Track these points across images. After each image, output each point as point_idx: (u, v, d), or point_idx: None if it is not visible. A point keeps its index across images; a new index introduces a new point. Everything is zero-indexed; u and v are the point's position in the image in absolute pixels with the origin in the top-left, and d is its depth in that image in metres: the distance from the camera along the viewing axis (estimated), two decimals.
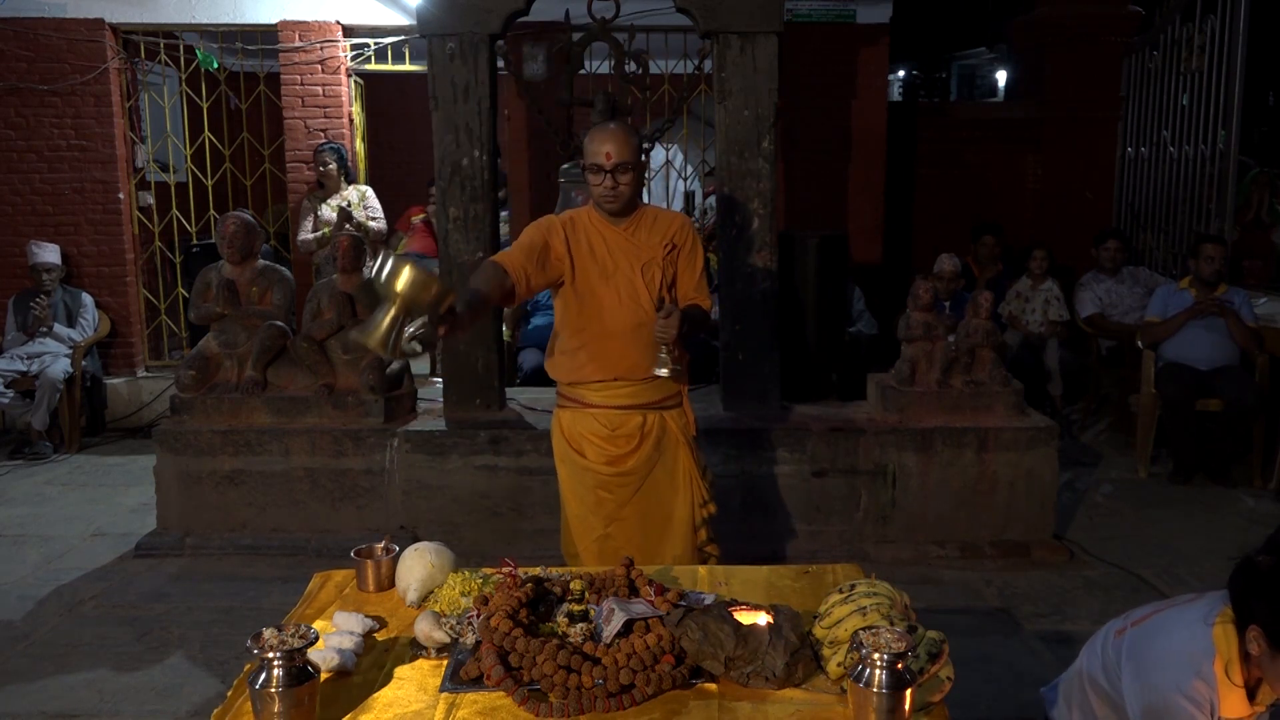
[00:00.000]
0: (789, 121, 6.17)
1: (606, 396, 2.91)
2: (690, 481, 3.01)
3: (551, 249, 2.84)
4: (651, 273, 2.88)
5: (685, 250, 2.94)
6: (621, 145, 2.77)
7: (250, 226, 4.77)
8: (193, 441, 4.50)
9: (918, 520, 4.45)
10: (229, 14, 6.43)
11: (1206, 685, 1.80)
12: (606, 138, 2.77)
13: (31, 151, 6.53)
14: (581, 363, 2.91)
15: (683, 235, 2.93)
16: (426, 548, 2.13)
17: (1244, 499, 5.16)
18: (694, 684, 1.74)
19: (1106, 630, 2.13)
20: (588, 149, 2.80)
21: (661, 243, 2.89)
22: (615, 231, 2.88)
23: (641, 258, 2.88)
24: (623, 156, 2.77)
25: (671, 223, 2.94)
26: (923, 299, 4.58)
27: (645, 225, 2.91)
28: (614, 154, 2.76)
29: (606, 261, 2.87)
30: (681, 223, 2.97)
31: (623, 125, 2.88)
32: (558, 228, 2.87)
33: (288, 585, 4.03)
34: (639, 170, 2.85)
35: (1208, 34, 6.41)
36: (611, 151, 2.76)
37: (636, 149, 2.82)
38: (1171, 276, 6.61)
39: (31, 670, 3.45)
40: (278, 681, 1.58)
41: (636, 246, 2.89)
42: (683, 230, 2.94)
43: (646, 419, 2.94)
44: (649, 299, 2.86)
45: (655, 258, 2.88)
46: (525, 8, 4.41)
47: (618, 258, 2.88)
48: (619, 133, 2.79)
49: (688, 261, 2.95)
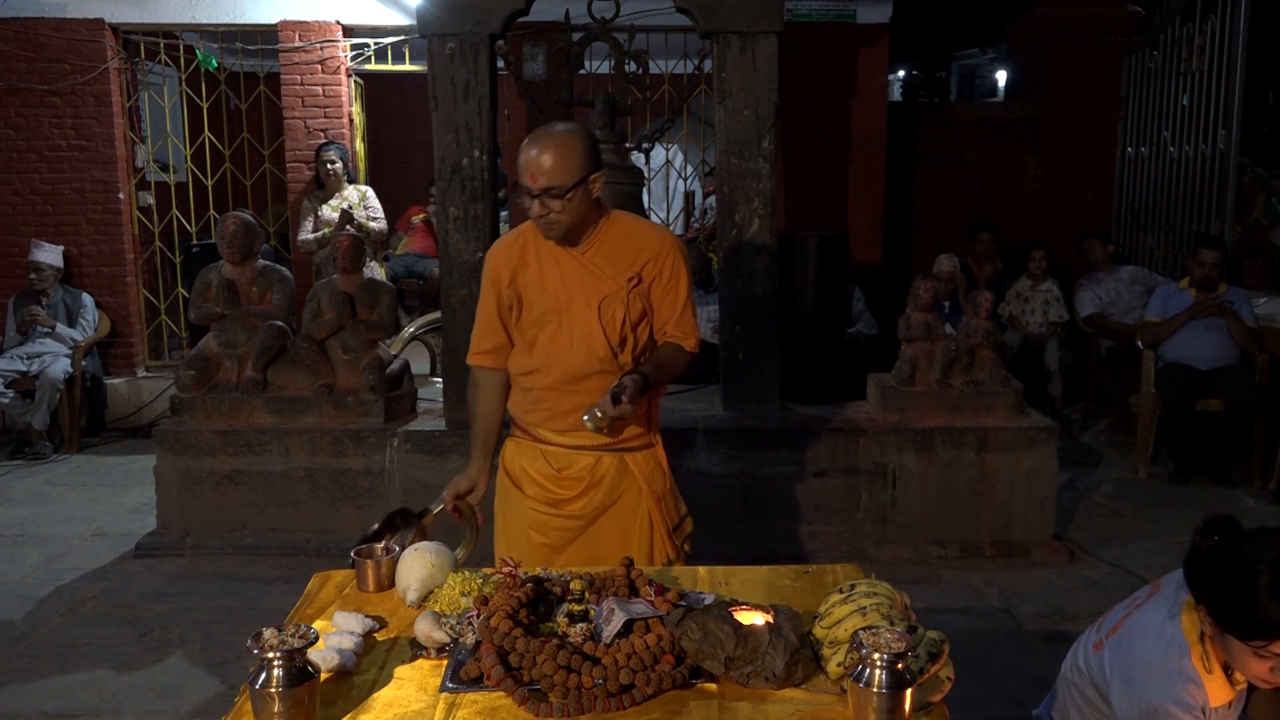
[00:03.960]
0: (789, 121, 6.16)
1: (559, 435, 2.50)
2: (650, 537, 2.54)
3: (502, 297, 2.44)
4: (611, 310, 2.37)
5: (663, 280, 2.41)
6: (552, 166, 2.20)
7: (250, 226, 4.77)
8: (193, 441, 4.50)
9: (918, 520, 4.45)
10: (229, 14, 6.43)
11: (1195, 685, 1.81)
12: (533, 155, 2.21)
13: (31, 151, 6.54)
14: (532, 405, 2.52)
15: (657, 264, 2.39)
16: (426, 548, 2.13)
17: (1244, 499, 5.16)
18: (694, 684, 1.74)
19: (1084, 644, 2.13)
20: (519, 160, 2.26)
21: (627, 271, 2.37)
22: (570, 256, 2.38)
23: (601, 290, 2.37)
24: (553, 180, 2.21)
25: (644, 247, 2.39)
26: (923, 299, 4.58)
27: (609, 248, 2.38)
28: (540, 177, 2.21)
29: (559, 294, 2.39)
30: (657, 249, 2.40)
31: (561, 136, 2.24)
32: (504, 262, 2.43)
33: (288, 585, 4.03)
34: (582, 192, 2.26)
35: (1208, 34, 6.41)
36: (539, 173, 2.21)
37: (579, 165, 2.23)
38: (1171, 276, 6.61)
39: (31, 670, 3.45)
40: (278, 681, 1.58)
41: (595, 276, 2.37)
42: (658, 258, 2.39)
43: (601, 461, 2.48)
44: (606, 344, 2.38)
45: (617, 291, 2.37)
46: (525, 8, 4.41)
47: (572, 289, 2.38)
48: (550, 148, 2.21)
49: (666, 292, 2.42)
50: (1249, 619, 1.70)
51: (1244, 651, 1.73)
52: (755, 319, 4.55)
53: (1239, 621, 1.71)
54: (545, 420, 2.50)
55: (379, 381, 4.55)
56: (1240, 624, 1.71)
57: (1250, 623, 1.70)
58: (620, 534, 2.52)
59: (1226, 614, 1.74)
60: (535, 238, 2.41)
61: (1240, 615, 1.71)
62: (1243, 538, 1.76)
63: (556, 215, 2.25)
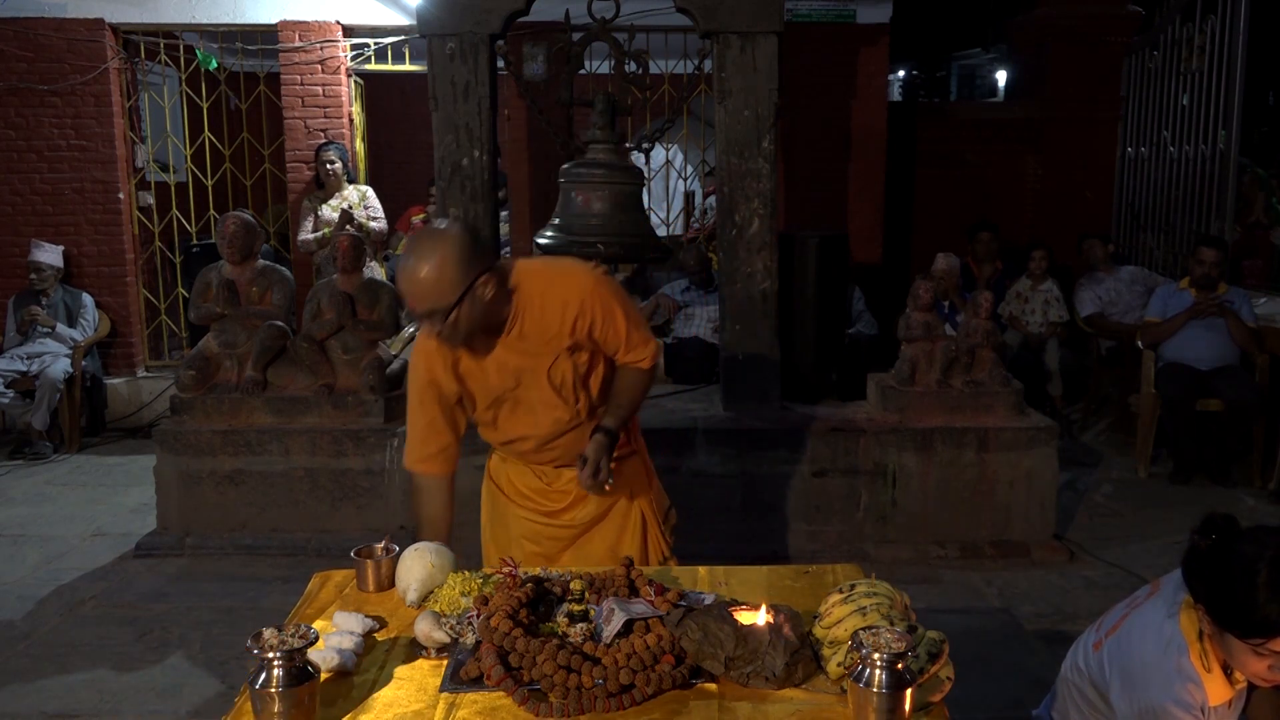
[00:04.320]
0: (789, 121, 6.17)
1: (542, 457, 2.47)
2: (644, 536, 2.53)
3: (445, 395, 2.33)
4: (561, 373, 2.30)
5: (598, 321, 2.29)
6: (426, 296, 2.07)
7: (250, 226, 4.77)
8: (193, 441, 4.50)
9: (918, 520, 4.45)
10: (229, 14, 6.43)
11: (1194, 684, 1.81)
12: (405, 280, 2.08)
13: (31, 151, 6.54)
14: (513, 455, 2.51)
15: (587, 313, 2.27)
16: (426, 548, 2.13)
17: (1244, 499, 5.16)
18: (694, 684, 1.74)
19: (1084, 644, 2.13)
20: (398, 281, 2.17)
21: (563, 331, 2.27)
22: (498, 344, 2.27)
23: (542, 364, 2.29)
24: (431, 305, 2.08)
25: (567, 302, 2.25)
26: (923, 299, 4.58)
27: (533, 324, 2.25)
28: (417, 303, 2.10)
29: (503, 378, 2.30)
30: (580, 297, 2.26)
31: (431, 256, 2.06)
32: (436, 362, 2.29)
33: (288, 585, 4.03)
34: (468, 303, 2.10)
35: (1208, 34, 6.41)
36: (415, 303, 2.10)
37: (455, 281, 2.06)
38: (1171, 276, 6.61)
39: (31, 670, 3.45)
40: (278, 681, 1.58)
41: (531, 354, 2.28)
42: (585, 306, 2.26)
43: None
44: (567, 404, 2.34)
45: (559, 357, 2.29)
46: (525, 8, 4.41)
47: (514, 370, 2.30)
48: (419, 271, 2.06)
49: (605, 329, 2.31)
50: (1247, 617, 1.70)
51: (1243, 650, 1.73)
52: (755, 319, 4.55)
53: (1237, 620, 1.72)
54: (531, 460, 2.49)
55: (379, 381, 4.55)
56: (1239, 622, 1.71)
57: (1249, 621, 1.70)
58: (615, 537, 2.52)
59: (1225, 612, 1.74)
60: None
61: (1239, 613, 1.71)
62: (1241, 537, 1.77)
63: (448, 331, 2.12)
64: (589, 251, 4.23)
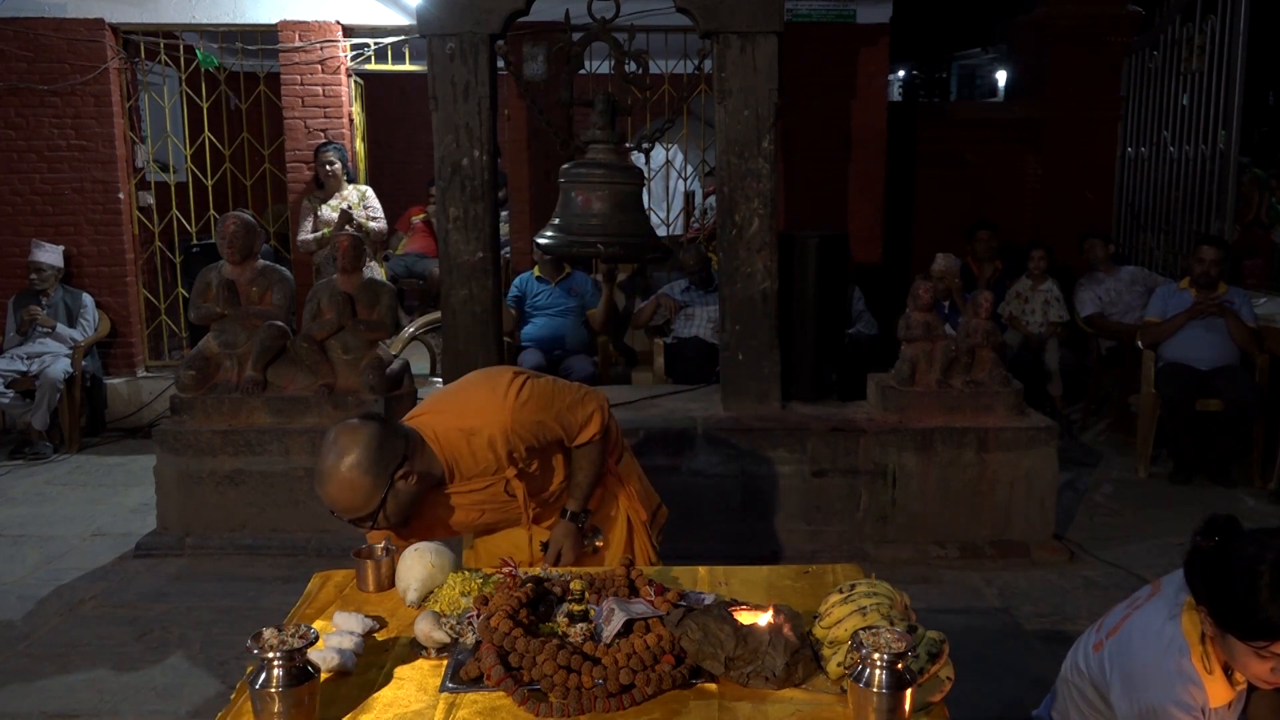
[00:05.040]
0: (789, 121, 6.17)
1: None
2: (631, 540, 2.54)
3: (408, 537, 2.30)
4: (516, 489, 2.33)
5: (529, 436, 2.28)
6: (344, 506, 2.08)
7: (250, 226, 4.77)
8: (193, 441, 4.50)
9: (918, 520, 4.45)
10: (229, 14, 6.43)
11: (1195, 686, 1.81)
12: (325, 490, 2.08)
13: (31, 151, 6.54)
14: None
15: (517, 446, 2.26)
16: (426, 548, 2.13)
17: (1244, 499, 5.16)
18: (694, 684, 1.74)
19: (1084, 645, 2.13)
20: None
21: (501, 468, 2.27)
22: (445, 496, 2.29)
23: (496, 491, 2.32)
24: (354, 514, 2.09)
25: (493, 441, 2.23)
26: (923, 299, 4.59)
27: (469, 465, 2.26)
28: (341, 514, 2.11)
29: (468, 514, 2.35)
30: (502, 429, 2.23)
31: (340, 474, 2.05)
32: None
33: (288, 585, 4.03)
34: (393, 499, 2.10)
35: (1208, 34, 6.41)
36: (337, 510, 2.10)
37: (370, 488, 2.05)
38: (1171, 276, 6.61)
39: (31, 670, 3.45)
40: (278, 681, 1.58)
41: (480, 488, 2.30)
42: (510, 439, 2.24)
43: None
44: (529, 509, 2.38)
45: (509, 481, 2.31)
46: (525, 8, 4.41)
47: (474, 505, 2.34)
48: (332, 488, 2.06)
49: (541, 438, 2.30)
50: (1249, 619, 1.70)
51: (1244, 652, 1.73)
52: (755, 319, 4.55)
53: (1239, 622, 1.71)
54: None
55: (379, 381, 4.55)
56: (1240, 624, 1.71)
57: (1251, 623, 1.70)
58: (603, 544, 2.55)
59: (1227, 614, 1.74)
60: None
61: (1241, 615, 1.71)
62: (1243, 538, 1.76)
63: (381, 523, 2.13)
64: (589, 251, 4.23)
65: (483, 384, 2.36)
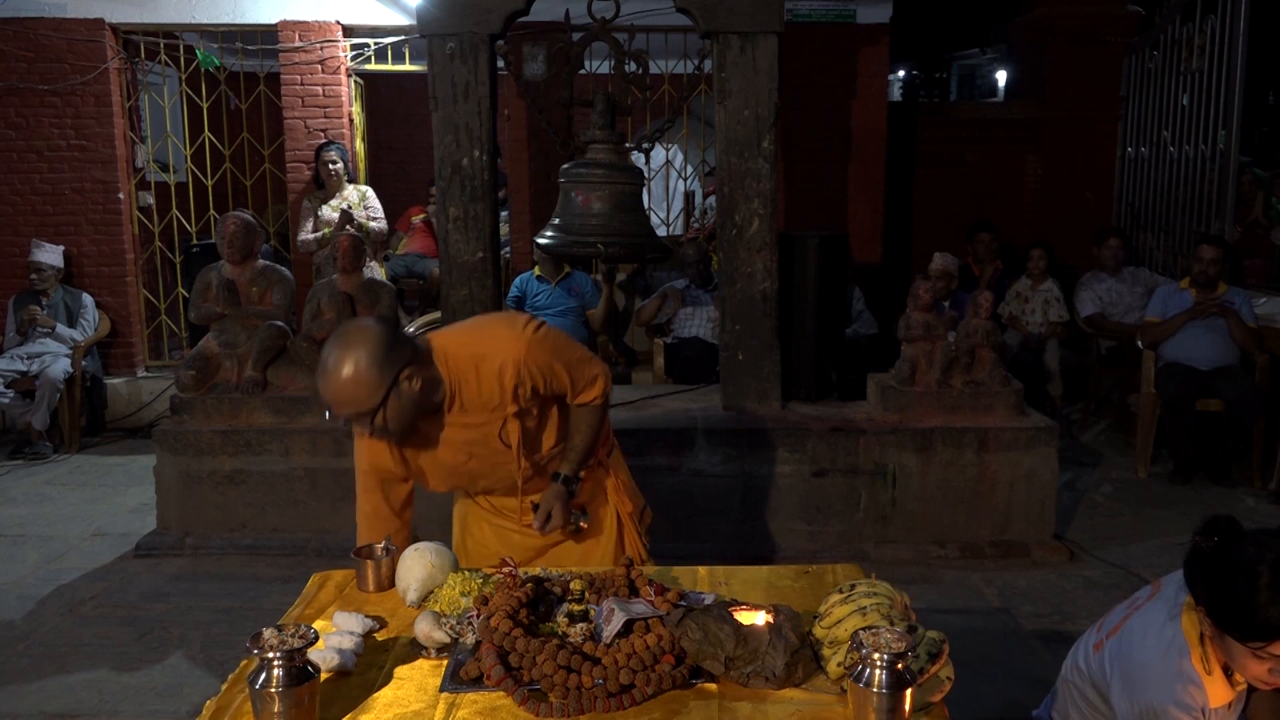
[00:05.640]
0: (789, 121, 6.17)
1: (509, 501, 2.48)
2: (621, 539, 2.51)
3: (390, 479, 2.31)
4: (510, 434, 2.26)
5: (540, 375, 2.23)
6: (347, 401, 2.03)
7: (250, 226, 4.78)
8: (193, 441, 4.50)
9: (918, 520, 4.45)
10: (229, 14, 6.43)
11: (1195, 686, 1.81)
12: (328, 384, 2.02)
13: (31, 151, 6.54)
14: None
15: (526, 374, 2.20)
16: (426, 548, 2.13)
17: (1244, 499, 5.16)
18: (694, 684, 1.74)
19: (1084, 645, 2.13)
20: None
21: (505, 397, 2.22)
22: (440, 424, 2.24)
23: (491, 429, 2.25)
24: (354, 409, 2.04)
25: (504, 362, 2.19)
26: (923, 299, 4.58)
27: (471, 393, 2.20)
28: (341, 410, 2.06)
29: (453, 454, 2.28)
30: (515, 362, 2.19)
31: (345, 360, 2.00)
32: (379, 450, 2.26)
33: (288, 585, 4.03)
34: (395, 399, 2.05)
35: (1208, 34, 6.41)
36: (338, 408, 2.06)
37: (375, 382, 2.01)
38: (1171, 276, 6.61)
39: (31, 670, 3.45)
40: (278, 681, 1.58)
41: (476, 425, 2.24)
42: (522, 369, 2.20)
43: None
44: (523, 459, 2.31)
45: (506, 420, 2.25)
46: (525, 8, 4.41)
47: (463, 443, 2.27)
48: (336, 379, 2.01)
49: (551, 380, 2.26)
50: (1248, 620, 1.70)
51: (1243, 653, 1.73)
52: (755, 319, 4.55)
53: (1238, 623, 1.71)
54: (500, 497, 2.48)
55: None
56: (1239, 625, 1.71)
57: (1249, 624, 1.70)
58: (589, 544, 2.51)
59: (1225, 615, 1.74)
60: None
61: (1239, 616, 1.71)
62: (1242, 539, 1.76)
63: (379, 428, 2.08)
64: (589, 251, 4.22)
65: (500, 318, 2.41)
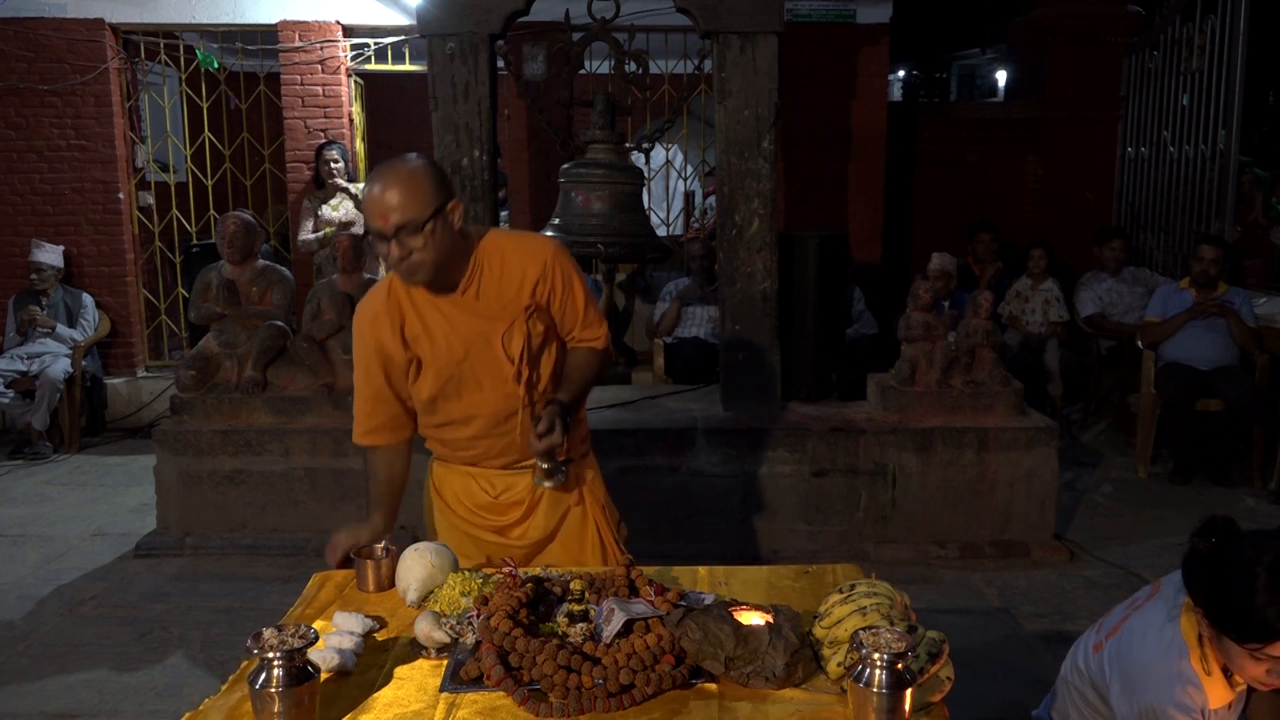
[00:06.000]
0: (789, 121, 6.17)
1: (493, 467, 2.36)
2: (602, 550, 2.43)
3: (392, 362, 2.22)
4: (514, 341, 2.19)
5: (558, 292, 2.23)
6: (403, 201, 1.98)
7: (250, 226, 4.78)
8: (193, 441, 4.50)
9: (918, 520, 4.45)
10: (229, 14, 6.43)
11: (1194, 688, 1.81)
12: (381, 191, 1.99)
13: (31, 151, 6.54)
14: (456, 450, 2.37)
15: (548, 280, 2.22)
16: (426, 548, 2.12)
17: (1244, 499, 5.16)
18: (694, 684, 1.74)
19: (1084, 645, 2.13)
20: (363, 206, 2.08)
21: (520, 297, 2.20)
22: (450, 301, 2.18)
23: (496, 329, 2.18)
24: (406, 215, 1.99)
25: (529, 266, 2.20)
26: (923, 299, 4.59)
27: (491, 279, 2.19)
28: (393, 214, 1.99)
29: (451, 345, 2.19)
30: (543, 262, 2.21)
31: (405, 169, 2.03)
32: (383, 325, 2.19)
33: (288, 585, 4.03)
34: (441, 224, 2.04)
35: (1208, 34, 6.41)
36: (389, 211, 1.98)
37: (431, 195, 2.01)
38: (1171, 276, 6.61)
39: (31, 670, 3.45)
40: (278, 681, 1.58)
41: (485, 316, 2.18)
42: (547, 272, 2.21)
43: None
44: (518, 378, 2.22)
45: (515, 322, 2.19)
46: (525, 8, 4.41)
47: (465, 335, 2.18)
48: (395, 182, 1.99)
49: (564, 302, 2.25)
50: (1245, 621, 1.69)
51: (1241, 654, 1.73)
52: (755, 319, 4.55)
53: (1235, 624, 1.71)
54: (477, 459, 2.36)
55: None
56: (1236, 626, 1.71)
57: (1246, 625, 1.70)
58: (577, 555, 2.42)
59: (1223, 616, 1.74)
60: (405, 291, 2.19)
61: (1236, 618, 1.71)
62: (1240, 540, 1.76)
63: (419, 254, 2.03)
64: (589, 251, 4.23)
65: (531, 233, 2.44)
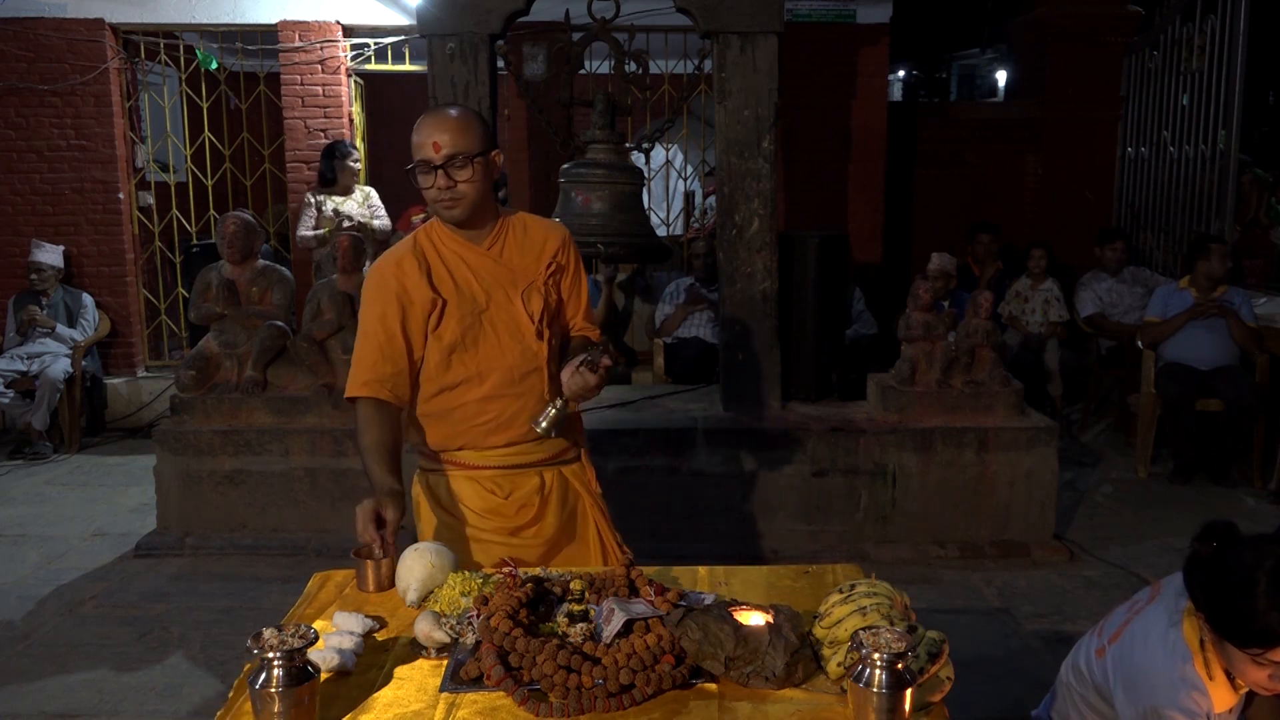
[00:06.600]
0: (789, 121, 6.17)
1: (490, 456, 2.33)
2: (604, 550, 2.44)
3: (415, 302, 2.22)
4: (533, 301, 2.27)
5: (570, 270, 2.36)
6: (456, 132, 2.12)
7: (250, 226, 4.78)
8: (193, 441, 4.50)
9: (918, 520, 4.45)
10: (229, 14, 6.43)
11: (1198, 692, 1.81)
12: (435, 124, 2.13)
13: (31, 151, 6.54)
14: (456, 429, 2.32)
15: (566, 253, 2.35)
16: (426, 548, 2.12)
17: (1244, 499, 5.16)
18: (694, 684, 1.74)
19: (1086, 649, 2.13)
20: (414, 141, 2.15)
21: (541, 261, 2.30)
22: (476, 253, 2.26)
23: (518, 283, 2.27)
24: (458, 146, 2.12)
25: (550, 237, 2.34)
26: (923, 299, 4.59)
27: (514, 240, 2.30)
28: (445, 143, 2.11)
29: (475, 292, 2.25)
30: (562, 238, 2.36)
31: (458, 109, 2.21)
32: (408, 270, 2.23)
33: (288, 585, 4.03)
34: (485, 166, 2.17)
35: (1208, 34, 6.41)
36: (442, 141, 2.11)
37: (482, 136, 2.16)
38: (1171, 276, 6.61)
39: (31, 670, 3.45)
40: (278, 681, 1.58)
41: (508, 269, 2.27)
42: (565, 247, 2.35)
43: (545, 478, 2.37)
44: (535, 336, 2.27)
45: (535, 281, 2.29)
46: (525, 8, 4.41)
47: (488, 284, 2.26)
48: (452, 117, 2.15)
49: (573, 284, 2.37)
50: (1246, 627, 1.69)
51: (1242, 659, 1.73)
52: (755, 319, 4.55)
53: (1236, 629, 1.71)
54: (485, 436, 2.31)
55: None
56: (1237, 631, 1.71)
57: (1247, 630, 1.69)
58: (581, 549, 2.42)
59: (1224, 621, 1.73)
60: (430, 242, 2.27)
61: (1237, 623, 1.71)
62: (1240, 545, 1.76)
63: (464, 186, 2.13)
64: (589, 251, 4.22)
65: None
